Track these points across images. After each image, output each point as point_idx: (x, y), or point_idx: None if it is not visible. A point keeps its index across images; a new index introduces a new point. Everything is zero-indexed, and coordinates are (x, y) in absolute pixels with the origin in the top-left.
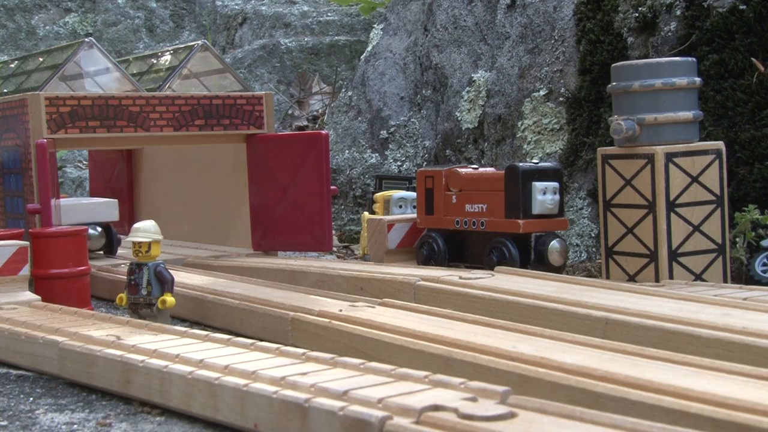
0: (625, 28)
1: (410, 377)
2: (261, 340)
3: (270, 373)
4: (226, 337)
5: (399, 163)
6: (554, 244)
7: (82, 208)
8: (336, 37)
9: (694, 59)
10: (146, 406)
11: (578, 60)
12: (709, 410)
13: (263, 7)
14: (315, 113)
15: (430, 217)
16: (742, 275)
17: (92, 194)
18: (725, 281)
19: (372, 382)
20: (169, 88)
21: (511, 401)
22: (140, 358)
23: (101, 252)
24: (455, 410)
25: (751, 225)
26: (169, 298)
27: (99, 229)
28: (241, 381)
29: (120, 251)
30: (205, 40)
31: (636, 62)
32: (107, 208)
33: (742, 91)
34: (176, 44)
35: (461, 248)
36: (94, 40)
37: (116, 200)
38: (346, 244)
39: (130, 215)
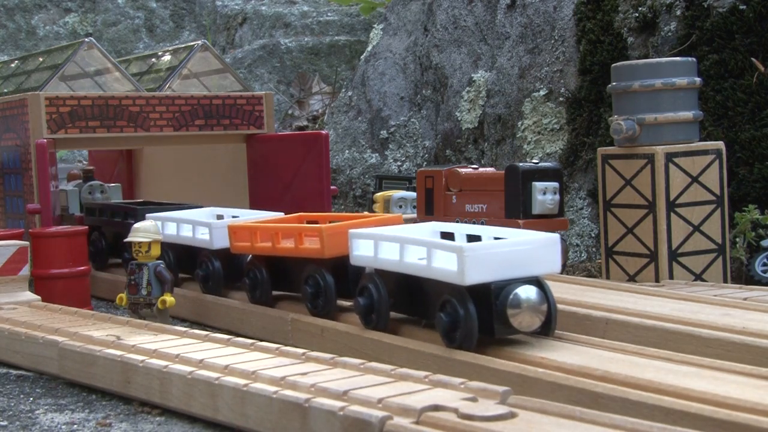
0: (625, 28)
1: (410, 377)
2: (261, 340)
3: (270, 373)
4: (226, 337)
5: (399, 163)
6: None
7: (507, 254)
8: (336, 37)
9: (694, 59)
10: (146, 406)
11: (578, 60)
12: (709, 410)
13: (263, 7)
14: (315, 113)
15: (430, 217)
16: (742, 275)
17: None
18: (725, 281)
19: (372, 382)
20: (169, 88)
21: (511, 401)
22: (140, 358)
23: (531, 332)
24: (455, 410)
25: (751, 225)
26: (169, 298)
27: (535, 290)
28: (241, 381)
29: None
30: (205, 40)
31: (636, 62)
32: (546, 251)
33: (742, 91)
34: (176, 44)
35: None
36: (94, 40)
37: (557, 236)
38: None
39: None
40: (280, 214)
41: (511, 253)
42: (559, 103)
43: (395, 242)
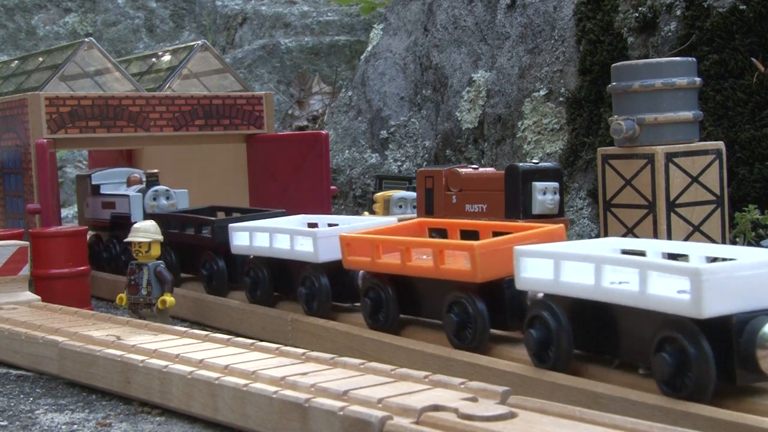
0: (625, 28)
1: (410, 377)
2: (261, 340)
3: (270, 373)
4: (226, 337)
5: (399, 163)
6: None
7: (751, 278)
8: (336, 37)
9: (694, 59)
10: (146, 406)
11: (578, 60)
12: (709, 410)
13: (263, 7)
14: (315, 113)
15: (430, 217)
16: None
17: None
18: None
19: (372, 382)
20: (169, 88)
21: (511, 401)
22: (140, 358)
23: None
24: (455, 410)
25: (751, 225)
26: (169, 298)
27: None
28: (241, 381)
29: None
30: (205, 40)
31: (636, 62)
32: None
33: (742, 91)
34: (176, 44)
35: None
36: (94, 40)
37: None
38: None
39: None
40: (392, 220)
41: (756, 277)
42: (559, 103)
43: (588, 262)
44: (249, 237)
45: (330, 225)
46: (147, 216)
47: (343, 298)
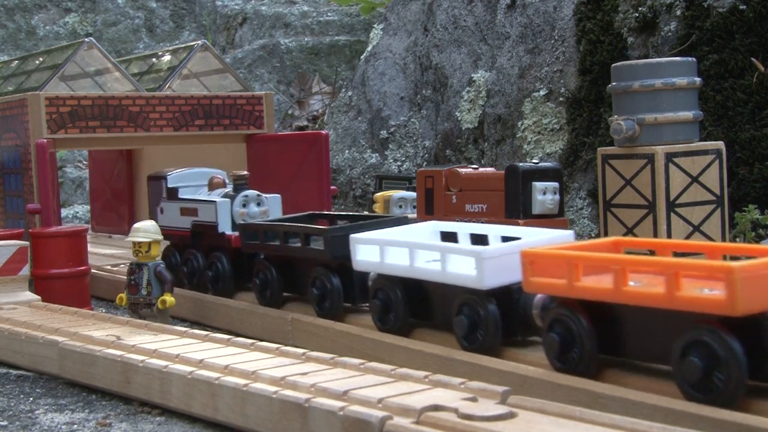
0: (625, 28)
1: (410, 377)
2: (261, 340)
3: (270, 373)
4: (226, 337)
5: (399, 163)
6: None
7: None
8: (336, 37)
9: (694, 59)
10: (146, 406)
11: (578, 60)
12: (709, 410)
13: (263, 7)
14: (315, 113)
15: (430, 217)
16: None
17: (93, 194)
18: None
19: (372, 382)
20: (169, 88)
21: (511, 401)
22: (140, 358)
23: None
24: (455, 410)
25: (751, 225)
26: (169, 298)
27: None
28: (241, 381)
29: None
30: (205, 40)
31: (636, 62)
32: None
33: (742, 91)
34: (176, 44)
35: None
36: (94, 40)
37: None
38: None
39: (130, 215)
40: (565, 234)
41: None
42: (559, 103)
43: None
44: (379, 252)
45: (473, 235)
46: (238, 226)
47: (513, 332)
